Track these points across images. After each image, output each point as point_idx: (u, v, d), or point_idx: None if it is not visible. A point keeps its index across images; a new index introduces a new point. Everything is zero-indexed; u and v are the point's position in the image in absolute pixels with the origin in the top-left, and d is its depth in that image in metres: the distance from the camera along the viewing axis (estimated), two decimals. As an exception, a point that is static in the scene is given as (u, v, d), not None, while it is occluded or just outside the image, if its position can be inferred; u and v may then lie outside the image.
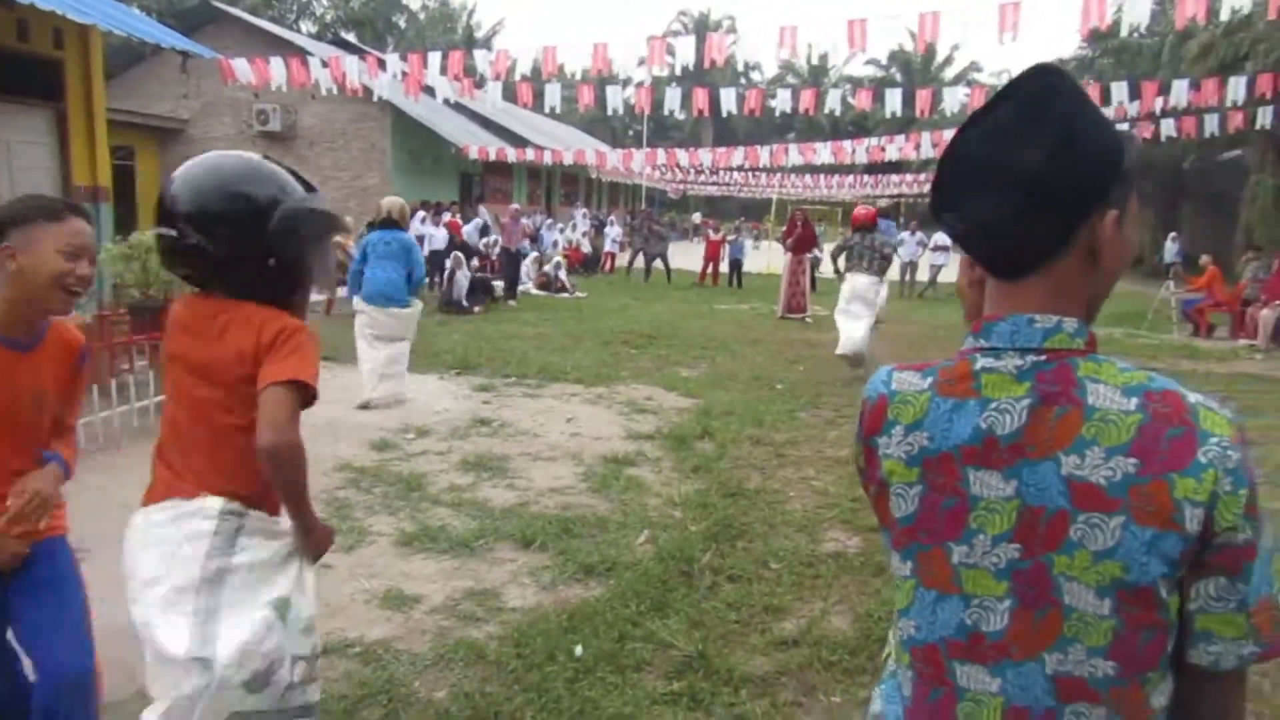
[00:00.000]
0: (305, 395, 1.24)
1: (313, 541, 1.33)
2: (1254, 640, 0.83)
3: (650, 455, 4.85)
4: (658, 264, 16.77)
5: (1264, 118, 11.81)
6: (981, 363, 0.90)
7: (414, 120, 17.34)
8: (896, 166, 33.95)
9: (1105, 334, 11.64)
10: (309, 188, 1.37)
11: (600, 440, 5.17)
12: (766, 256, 21.32)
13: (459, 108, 20.71)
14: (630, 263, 17.80)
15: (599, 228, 20.64)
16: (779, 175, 34.69)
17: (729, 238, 17.10)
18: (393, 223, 5.94)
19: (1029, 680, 0.86)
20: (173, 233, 1.25)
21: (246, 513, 1.29)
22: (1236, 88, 10.68)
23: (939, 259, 16.83)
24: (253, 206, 1.22)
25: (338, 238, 8.95)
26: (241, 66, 9.86)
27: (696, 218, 43.19)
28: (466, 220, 16.65)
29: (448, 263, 11.75)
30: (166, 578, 1.23)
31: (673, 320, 10.58)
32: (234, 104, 17.69)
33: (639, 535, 3.67)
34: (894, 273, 16.46)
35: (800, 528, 3.90)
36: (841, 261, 7.58)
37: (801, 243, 11.87)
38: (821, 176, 32.27)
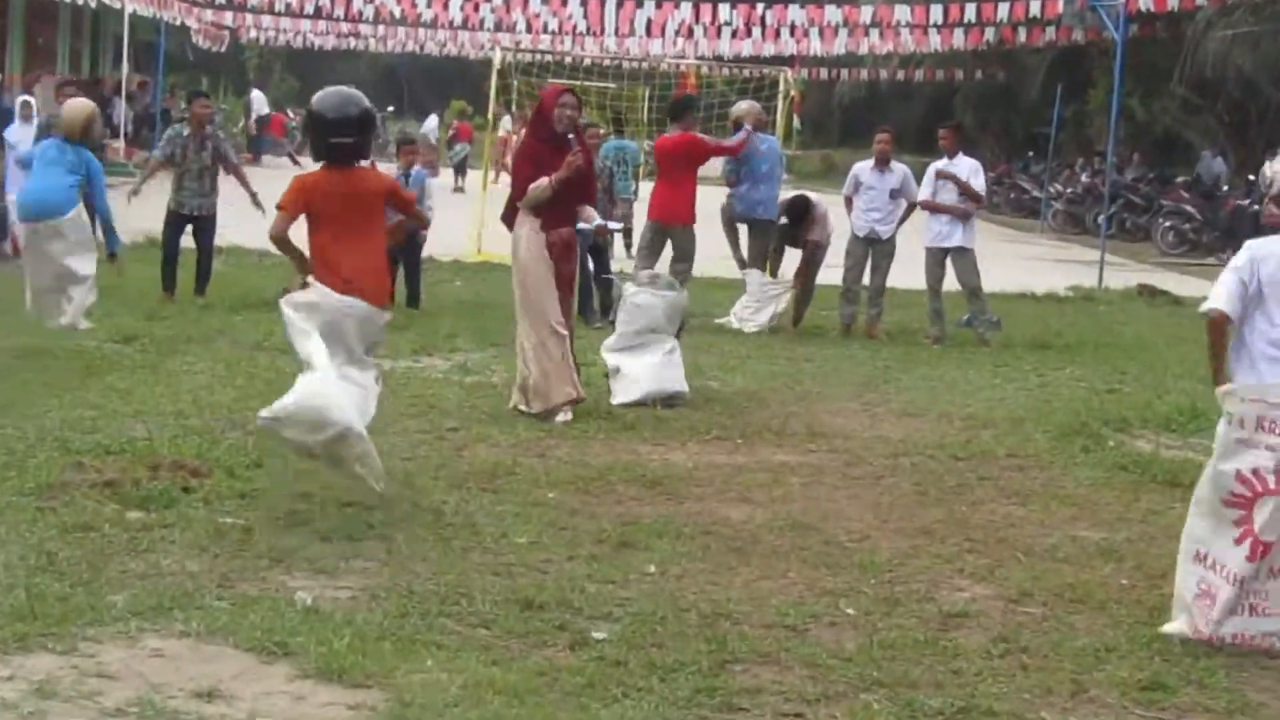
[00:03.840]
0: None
1: None
2: None
3: None
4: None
5: None
6: None
7: None
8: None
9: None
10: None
11: None
12: (476, 212, 24.24)
13: None
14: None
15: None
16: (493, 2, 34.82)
17: (414, 165, 18.97)
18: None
19: None
20: (349, 139, 8.59)
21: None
22: None
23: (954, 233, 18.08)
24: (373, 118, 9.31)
25: None
26: None
27: (257, 101, 42.78)
28: None
29: None
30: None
31: (234, 406, 11.45)
32: None
33: None
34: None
35: None
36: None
37: (576, 192, 12.44)
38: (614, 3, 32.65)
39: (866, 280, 17.64)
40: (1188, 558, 7.27)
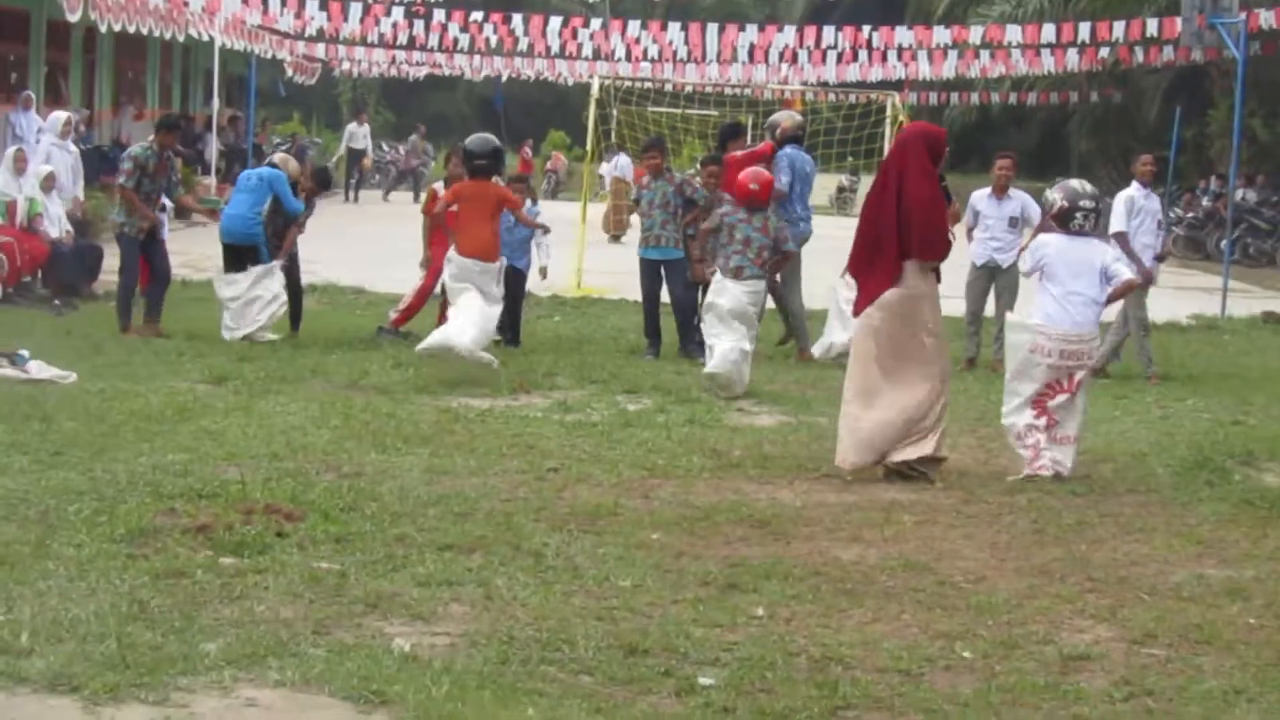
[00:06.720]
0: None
1: None
2: None
3: None
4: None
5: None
6: None
7: None
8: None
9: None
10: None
11: None
12: (577, 246, 28.28)
13: None
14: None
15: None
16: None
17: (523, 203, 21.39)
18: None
19: None
20: (485, 162, 19.20)
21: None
22: None
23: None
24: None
25: None
26: None
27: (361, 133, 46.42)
28: None
29: None
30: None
31: (329, 449, 13.49)
32: None
33: None
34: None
35: None
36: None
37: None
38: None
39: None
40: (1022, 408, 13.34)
